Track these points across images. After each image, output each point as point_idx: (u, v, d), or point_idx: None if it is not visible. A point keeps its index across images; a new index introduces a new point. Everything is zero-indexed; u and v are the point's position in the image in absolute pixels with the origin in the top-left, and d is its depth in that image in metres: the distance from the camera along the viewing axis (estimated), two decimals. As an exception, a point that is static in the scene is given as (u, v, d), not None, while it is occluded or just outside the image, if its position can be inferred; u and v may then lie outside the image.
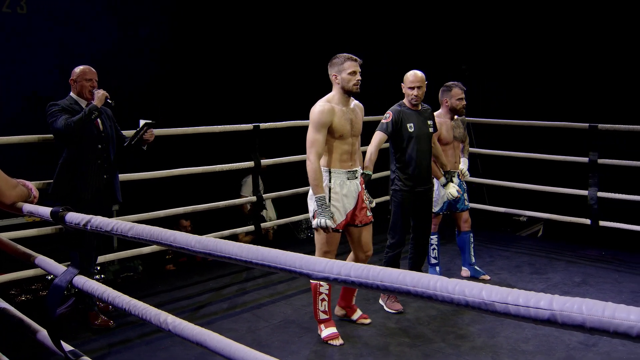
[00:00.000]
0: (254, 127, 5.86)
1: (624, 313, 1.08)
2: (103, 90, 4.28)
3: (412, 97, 4.52)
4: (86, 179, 4.25)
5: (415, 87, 4.50)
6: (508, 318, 1.24)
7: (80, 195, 4.23)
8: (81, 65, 4.37)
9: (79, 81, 4.30)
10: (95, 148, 4.29)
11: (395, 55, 8.36)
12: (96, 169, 4.29)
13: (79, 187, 4.23)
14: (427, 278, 1.31)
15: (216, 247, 1.79)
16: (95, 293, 2.51)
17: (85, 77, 4.30)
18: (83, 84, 4.29)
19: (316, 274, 1.48)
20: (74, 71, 4.35)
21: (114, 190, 4.48)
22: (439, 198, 5.16)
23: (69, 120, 4.09)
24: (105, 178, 4.37)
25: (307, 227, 7.23)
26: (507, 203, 7.00)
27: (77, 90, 4.32)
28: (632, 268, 5.64)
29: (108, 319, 4.38)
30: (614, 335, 1.10)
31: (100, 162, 4.32)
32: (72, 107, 4.24)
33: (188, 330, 2.11)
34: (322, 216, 3.90)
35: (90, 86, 4.30)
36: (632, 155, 5.98)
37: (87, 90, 4.29)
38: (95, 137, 4.30)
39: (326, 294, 4.07)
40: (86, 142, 4.25)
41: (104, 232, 2.28)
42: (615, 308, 1.10)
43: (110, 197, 4.47)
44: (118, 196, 4.52)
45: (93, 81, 4.32)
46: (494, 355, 3.82)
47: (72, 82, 4.35)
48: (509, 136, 7.47)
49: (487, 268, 5.59)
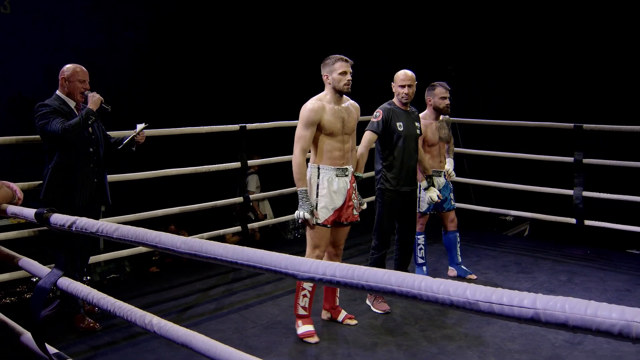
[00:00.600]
0: (240, 128, 5.85)
1: (605, 311, 1.09)
2: (98, 95, 4.15)
3: (403, 96, 4.54)
4: (79, 183, 4.16)
5: (406, 85, 4.52)
6: (492, 317, 1.24)
7: (74, 200, 4.14)
8: (72, 64, 4.20)
9: (72, 81, 4.14)
10: (87, 152, 4.20)
11: (383, 56, 8.38)
12: (88, 172, 4.21)
13: (72, 191, 4.14)
14: (412, 278, 1.32)
15: (201, 248, 1.79)
16: (80, 295, 2.50)
17: (78, 77, 4.15)
18: (75, 85, 4.14)
19: (301, 275, 1.49)
20: (64, 69, 4.18)
21: (105, 193, 4.42)
22: (425, 198, 5.17)
23: (65, 124, 3.96)
24: (96, 182, 4.31)
25: (295, 228, 7.23)
26: (493, 203, 7.03)
27: (66, 90, 4.16)
28: (616, 267, 5.68)
29: (94, 321, 4.34)
30: (596, 333, 1.12)
31: (92, 165, 4.23)
32: (62, 108, 4.10)
33: (173, 331, 2.10)
34: (302, 209, 3.96)
35: (83, 88, 4.16)
36: (617, 155, 6.03)
37: (78, 91, 4.15)
38: (87, 141, 4.19)
39: (309, 290, 4.08)
40: (79, 146, 4.14)
41: (89, 233, 2.27)
42: (598, 306, 1.11)
43: (100, 199, 4.42)
44: (107, 199, 4.46)
45: (86, 83, 4.18)
46: (480, 354, 3.84)
47: (62, 81, 4.17)
48: (496, 136, 7.51)
49: (474, 267, 5.62)
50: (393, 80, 4.62)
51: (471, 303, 1.25)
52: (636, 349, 3.82)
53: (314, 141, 4.02)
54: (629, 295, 4.92)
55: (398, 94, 4.57)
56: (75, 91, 4.16)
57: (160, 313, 4.63)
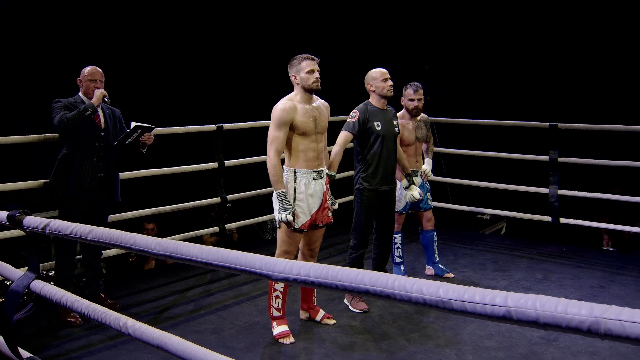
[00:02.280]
0: (217, 128, 5.82)
1: (575, 308, 1.10)
2: (102, 90, 4.37)
3: (389, 89, 4.54)
4: (80, 175, 4.33)
5: (388, 78, 4.54)
6: (465, 316, 1.25)
7: (74, 190, 4.32)
8: (89, 66, 4.47)
9: (84, 81, 4.42)
10: (92, 146, 4.38)
11: (360, 56, 8.40)
12: (91, 166, 4.38)
13: (72, 182, 4.32)
14: (385, 277, 1.32)
15: (176, 249, 1.78)
16: (54, 298, 2.46)
17: (90, 77, 4.41)
18: (88, 85, 4.40)
19: (276, 275, 1.48)
20: (82, 71, 4.45)
21: (112, 190, 4.58)
22: (402, 197, 5.18)
23: (63, 116, 4.20)
24: (101, 177, 4.44)
25: (272, 228, 7.21)
26: (470, 201, 7.09)
27: (83, 90, 4.43)
28: (591, 264, 5.76)
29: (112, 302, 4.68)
30: (567, 330, 1.13)
31: (96, 159, 4.40)
32: (77, 104, 4.33)
33: (148, 333, 2.09)
34: (283, 211, 3.91)
35: (94, 87, 4.40)
36: (592, 154, 6.11)
37: (91, 90, 4.38)
38: (93, 135, 4.38)
39: (280, 291, 4.08)
40: (83, 139, 4.34)
41: (62, 235, 2.24)
42: (568, 303, 1.12)
43: (107, 196, 4.57)
44: (115, 196, 4.62)
45: (97, 82, 4.42)
46: (457, 352, 3.86)
47: (78, 82, 4.46)
48: (472, 135, 7.58)
49: (451, 266, 5.65)
50: (367, 81, 4.61)
51: (444, 302, 1.25)
52: (610, 344, 3.88)
53: (288, 142, 3.98)
54: (604, 291, 4.99)
55: (383, 88, 4.55)
56: (89, 90, 4.42)
57: (137, 315, 4.60)
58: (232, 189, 6.19)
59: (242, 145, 6.92)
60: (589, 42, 7.24)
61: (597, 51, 7.23)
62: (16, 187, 4.68)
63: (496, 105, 7.90)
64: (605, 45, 7.19)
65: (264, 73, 7.99)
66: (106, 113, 4.51)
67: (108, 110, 4.54)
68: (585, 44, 7.27)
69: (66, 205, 4.38)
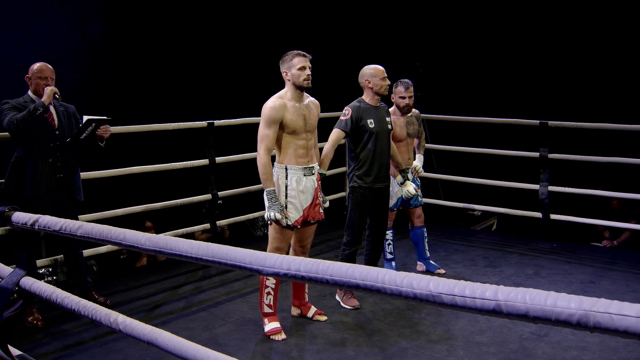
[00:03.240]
0: (208, 125, 5.81)
1: (564, 302, 1.11)
2: (52, 87, 4.16)
3: (386, 87, 4.53)
4: (36, 178, 4.17)
5: (386, 76, 4.53)
6: (455, 309, 1.25)
7: (30, 194, 4.16)
8: (36, 63, 4.28)
9: (34, 79, 4.23)
10: (46, 146, 4.21)
11: (351, 52, 8.39)
12: (48, 167, 4.21)
13: (29, 185, 4.16)
14: (376, 271, 1.32)
15: (166, 244, 1.77)
16: (44, 295, 2.45)
17: (40, 74, 4.22)
18: (38, 82, 4.22)
19: (266, 270, 1.48)
20: (30, 68, 4.26)
21: (73, 190, 4.40)
22: (394, 194, 5.19)
23: (13, 117, 4.02)
24: (60, 177, 4.29)
25: (264, 225, 7.21)
26: (461, 198, 7.10)
27: (33, 88, 4.25)
28: (581, 259, 5.79)
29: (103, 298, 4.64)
30: (557, 323, 1.13)
31: (52, 160, 4.23)
32: (26, 105, 4.14)
33: (139, 329, 2.08)
34: (272, 209, 3.91)
35: (45, 84, 4.20)
36: (582, 151, 6.15)
37: (41, 88, 4.19)
38: (48, 135, 4.21)
39: (272, 287, 4.08)
40: (37, 140, 4.17)
41: (52, 231, 2.23)
42: (557, 297, 1.13)
43: (68, 196, 4.39)
44: (77, 196, 4.46)
45: (48, 79, 4.23)
46: (449, 347, 3.87)
47: (27, 80, 4.27)
48: (463, 132, 7.59)
49: (443, 262, 5.66)
50: (365, 77, 4.56)
51: (434, 296, 1.26)
52: (600, 339, 3.90)
53: (278, 140, 3.98)
54: (594, 287, 5.01)
55: (381, 87, 4.52)
56: (39, 88, 4.22)
57: (129, 312, 4.59)
58: (223, 185, 6.18)
59: (233, 141, 6.91)
60: (580, 40, 7.27)
61: (588, 49, 7.27)
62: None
63: (486, 102, 7.92)
64: (596, 44, 7.23)
65: (255, 69, 7.97)
66: (59, 110, 4.32)
67: (61, 108, 4.35)
68: (576, 42, 7.30)
69: (24, 210, 4.22)
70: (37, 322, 4.32)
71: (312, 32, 8.31)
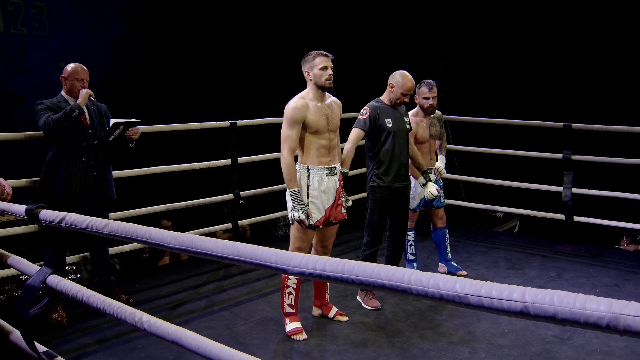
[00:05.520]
0: (230, 125, 5.83)
1: (594, 304, 1.10)
2: (88, 90, 4.25)
3: (402, 101, 4.53)
4: (69, 176, 4.26)
5: (408, 95, 4.53)
6: (482, 310, 1.25)
7: (63, 192, 4.24)
8: (73, 63, 4.33)
9: (70, 80, 4.28)
10: (79, 145, 4.29)
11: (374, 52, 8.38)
12: (81, 166, 4.30)
13: (61, 184, 4.24)
14: (402, 272, 1.32)
15: (192, 243, 1.78)
16: (70, 292, 2.48)
17: (77, 76, 4.28)
18: (73, 83, 4.28)
19: (292, 269, 1.48)
20: (65, 69, 4.32)
21: (104, 188, 4.48)
22: (416, 195, 5.18)
23: (48, 118, 4.10)
24: (93, 175, 4.37)
25: (285, 225, 7.22)
26: (483, 199, 7.06)
27: (67, 89, 4.30)
28: (605, 262, 5.72)
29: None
30: (585, 326, 1.12)
31: (85, 159, 4.31)
32: (60, 105, 4.22)
33: (163, 328, 2.10)
34: (296, 210, 3.92)
35: (81, 86, 4.28)
36: (606, 153, 6.08)
37: (76, 89, 4.26)
38: (80, 135, 4.29)
39: (293, 287, 4.08)
40: (70, 140, 4.25)
41: (78, 229, 2.25)
42: (586, 299, 1.12)
43: (101, 194, 4.48)
44: (110, 194, 4.54)
45: (84, 81, 4.31)
46: (471, 350, 3.85)
47: (62, 80, 4.32)
48: (486, 133, 7.54)
49: (464, 264, 5.63)
50: (392, 80, 4.52)
51: (460, 297, 1.25)
52: (625, 343, 3.85)
53: (300, 140, 3.98)
54: (618, 290, 4.95)
55: (398, 98, 4.50)
56: (74, 89, 4.29)
57: (151, 310, 4.62)
58: (244, 185, 6.21)
59: (256, 141, 6.94)
60: (605, 43, 7.19)
61: (613, 52, 7.18)
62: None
63: (509, 102, 7.86)
64: (620, 46, 7.14)
65: (277, 70, 7.99)
66: (91, 110, 4.38)
67: (93, 107, 4.41)
68: (601, 44, 7.22)
69: (57, 208, 4.30)
70: (62, 319, 4.38)
71: (335, 32, 8.31)
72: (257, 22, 8.29)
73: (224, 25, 8.05)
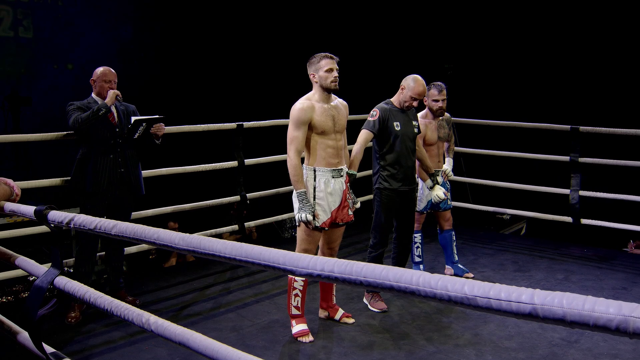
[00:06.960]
0: (237, 126, 5.84)
1: (603, 306, 1.09)
2: (115, 90, 4.42)
3: (410, 105, 4.52)
4: (97, 173, 4.39)
5: (417, 100, 4.52)
6: (490, 312, 1.24)
7: (92, 188, 4.38)
8: (102, 67, 4.51)
9: (98, 82, 4.45)
10: (107, 143, 4.43)
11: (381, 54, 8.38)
12: (109, 163, 4.43)
13: (90, 180, 4.38)
14: (410, 273, 1.32)
15: (200, 244, 1.78)
16: (77, 294, 2.49)
17: (105, 78, 4.45)
18: (102, 85, 4.44)
19: (300, 270, 1.48)
20: (94, 72, 4.49)
21: (133, 184, 4.59)
22: (424, 197, 5.17)
23: (78, 117, 4.26)
24: (122, 172, 4.49)
25: (292, 226, 7.23)
26: (490, 201, 7.05)
27: (96, 91, 4.47)
28: (613, 265, 5.70)
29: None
30: (594, 328, 1.12)
31: (113, 156, 4.44)
32: (90, 105, 4.37)
33: (170, 330, 2.10)
34: (304, 211, 3.92)
35: (109, 87, 4.44)
36: (613, 155, 6.06)
37: (105, 90, 4.43)
38: (109, 133, 4.43)
39: (300, 289, 4.08)
40: (98, 138, 4.39)
41: (87, 230, 2.26)
42: (595, 301, 1.11)
43: (128, 191, 4.60)
44: (139, 190, 4.66)
45: (112, 83, 4.47)
46: (477, 352, 3.84)
47: (92, 83, 4.49)
48: (492, 135, 7.53)
49: (471, 266, 5.62)
50: (404, 83, 4.51)
51: (469, 299, 1.25)
52: (633, 346, 3.83)
53: (307, 142, 3.99)
54: (626, 293, 4.93)
55: (406, 101, 4.50)
56: (102, 91, 4.46)
57: (158, 312, 4.62)
58: (251, 187, 6.21)
59: (262, 143, 6.94)
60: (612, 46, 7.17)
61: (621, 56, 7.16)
62: (39, 185, 4.74)
63: (516, 104, 7.85)
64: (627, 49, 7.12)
65: (283, 71, 8.00)
66: (119, 109, 4.53)
67: (121, 107, 4.56)
68: (608, 47, 7.20)
69: (86, 203, 4.43)
70: (72, 320, 4.41)
71: (342, 34, 8.32)
72: (263, 24, 8.30)
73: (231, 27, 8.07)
